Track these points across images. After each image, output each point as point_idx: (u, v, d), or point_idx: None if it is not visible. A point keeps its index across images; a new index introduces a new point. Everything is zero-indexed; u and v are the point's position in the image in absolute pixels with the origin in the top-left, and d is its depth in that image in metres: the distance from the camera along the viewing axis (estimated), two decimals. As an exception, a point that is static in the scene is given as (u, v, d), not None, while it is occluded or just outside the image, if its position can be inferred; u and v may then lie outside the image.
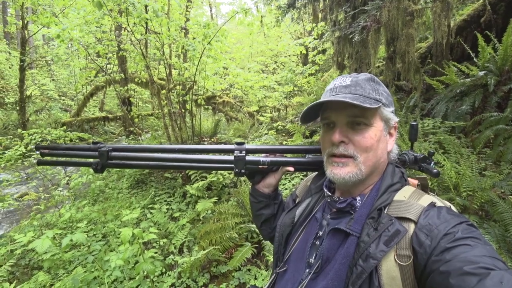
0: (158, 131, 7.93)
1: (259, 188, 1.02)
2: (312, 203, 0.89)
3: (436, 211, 0.64)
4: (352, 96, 0.71)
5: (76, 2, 5.47)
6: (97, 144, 1.03)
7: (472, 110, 3.73)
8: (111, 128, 13.45)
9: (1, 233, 4.34)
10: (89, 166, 1.03)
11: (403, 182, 0.76)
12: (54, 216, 3.72)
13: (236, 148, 0.95)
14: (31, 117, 11.23)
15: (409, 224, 0.63)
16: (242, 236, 3.08)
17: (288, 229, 0.87)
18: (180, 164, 1.03)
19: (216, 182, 4.13)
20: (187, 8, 7.26)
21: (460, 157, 2.90)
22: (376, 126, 0.73)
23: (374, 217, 0.68)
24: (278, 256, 0.88)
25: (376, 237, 0.63)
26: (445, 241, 0.57)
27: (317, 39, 7.83)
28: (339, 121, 0.74)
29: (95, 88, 10.14)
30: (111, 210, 3.85)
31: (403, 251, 0.61)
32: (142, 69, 7.18)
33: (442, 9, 3.09)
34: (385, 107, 0.75)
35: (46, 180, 5.04)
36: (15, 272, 2.99)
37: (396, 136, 0.81)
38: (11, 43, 19.11)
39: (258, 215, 1.06)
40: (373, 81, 0.77)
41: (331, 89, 0.78)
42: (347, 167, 0.73)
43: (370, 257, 0.62)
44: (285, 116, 8.30)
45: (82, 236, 1.73)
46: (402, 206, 0.67)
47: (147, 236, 1.85)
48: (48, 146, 1.12)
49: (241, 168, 0.93)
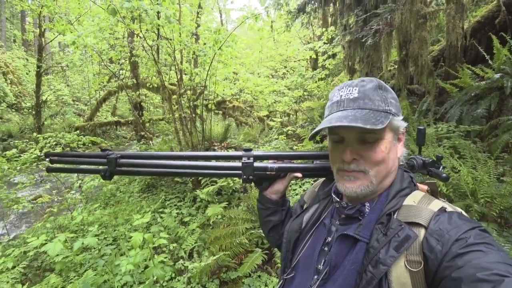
0: (169, 136, 8.01)
1: (266, 194, 1.02)
2: (320, 209, 0.88)
3: (447, 216, 0.63)
4: (362, 114, 0.68)
5: (91, 10, 5.61)
6: (106, 151, 1.03)
7: (488, 113, 3.63)
8: (122, 133, 13.69)
9: (15, 234, 4.44)
10: (98, 173, 1.04)
11: (412, 187, 0.75)
12: (67, 218, 3.78)
13: (244, 154, 0.94)
14: (46, 121, 11.55)
15: (419, 229, 0.62)
16: (252, 242, 3.05)
17: (296, 235, 0.87)
18: (188, 171, 1.02)
19: (226, 187, 4.13)
20: (198, 15, 7.36)
21: (477, 162, 2.81)
22: (386, 138, 0.72)
23: (384, 223, 0.67)
24: (286, 262, 0.87)
25: (386, 242, 0.62)
26: (457, 247, 0.56)
27: (327, 43, 7.81)
28: (349, 137, 0.73)
29: (107, 93, 10.35)
30: (122, 214, 3.89)
31: (414, 256, 0.60)
32: (153, 74, 7.30)
33: (456, 11, 3.02)
34: (395, 117, 0.73)
35: (60, 183, 5.14)
36: (28, 274, 3.03)
37: (404, 139, 0.79)
38: (29, 50, 19.81)
39: (266, 221, 1.05)
40: (381, 88, 0.74)
41: (337, 102, 0.75)
42: (358, 180, 0.72)
43: (380, 263, 0.61)
44: (295, 120, 8.27)
45: (93, 240, 1.75)
46: (412, 211, 0.66)
47: (157, 241, 1.85)
48: (57, 154, 1.13)
49: (249, 175, 0.93)
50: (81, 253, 2.97)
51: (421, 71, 3.68)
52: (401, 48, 3.86)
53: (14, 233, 4.55)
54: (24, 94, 14.42)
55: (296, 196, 3.71)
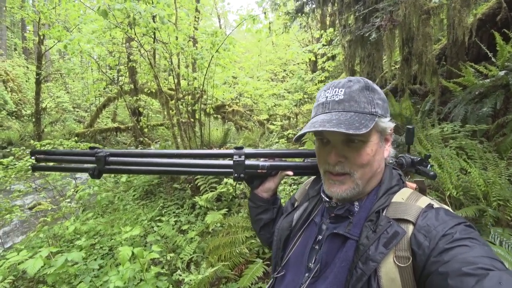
0: (168, 141, 7.93)
1: (258, 192, 1.03)
2: (310, 207, 0.88)
3: (434, 212, 0.64)
4: (346, 118, 0.68)
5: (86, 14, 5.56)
6: (94, 149, 1.02)
7: (494, 112, 3.53)
8: (123, 139, 13.63)
9: (11, 244, 4.34)
10: (86, 171, 1.02)
11: (401, 185, 0.75)
12: (61, 228, 3.68)
13: (235, 152, 0.95)
14: (46, 128, 11.54)
15: (407, 225, 0.63)
16: (253, 251, 2.92)
17: (286, 233, 0.87)
18: (179, 169, 1.01)
19: (226, 193, 4.02)
20: (195, 19, 7.32)
21: (487, 163, 2.69)
22: (372, 140, 0.72)
23: (373, 220, 0.67)
24: (277, 260, 0.87)
25: (375, 239, 0.63)
26: (444, 242, 0.57)
27: (326, 45, 7.75)
28: (334, 140, 0.73)
29: (107, 100, 10.30)
30: (118, 223, 3.78)
31: (402, 252, 0.61)
32: (151, 79, 7.24)
33: (462, 4, 2.92)
34: (381, 118, 0.72)
35: (56, 192, 5.04)
36: (20, 286, 2.92)
37: (392, 140, 0.80)
38: (29, 58, 19.91)
39: (257, 220, 1.06)
40: (368, 89, 0.73)
41: (323, 103, 0.75)
42: (343, 185, 0.73)
43: (369, 260, 0.62)
44: (296, 124, 8.19)
45: (78, 255, 1.63)
46: (400, 207, 0.67)
47: (148, 255, 1.73)
48: (44, 151, 1.10)
49: (240, 173, 0.94)
50: (74, 264, 2.86)
51: (425, 69, 3.57)
52: (403, 46, 3.75)
53: (10, 243, 4.45)
54: (24, 101, 14.44)
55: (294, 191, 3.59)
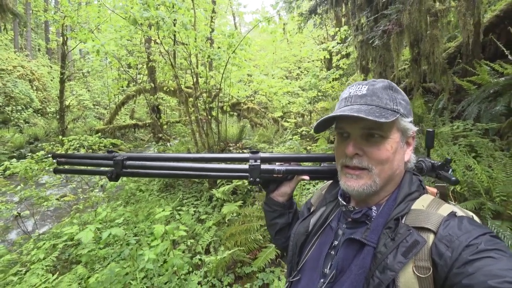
0: (185, 137, 8.23)
1: (273, 197, 1.02)
2: (327, 212, 0.87)
3: (457, 221, 0.62)
4: (367, 109, 0.69)
5: (110, 18, 5.90)
6: (112, 153, 1.05)
7: (508, 111, 3.53)
8: (140, 135, 14.14)
9: (45, 230, 4.74)
10: (104, 174, 1.04)
11: (421, 191, 0.73)
12: (91, 215, 4.00)
13: (251, 157, 0.95)
14: (69, 125, 12.12)
15: (428, 234, 0.61)
16: (266, 238, 3.13)
17: (302, 238, 0.86)
18: (195, 173, 1.01)
19: (241, 186, 4.23)
20: (212, 19, 7.55)
21: (493, 160, 2.76)
22: (392, 137, 0.71)
23: (391, 227, 0.66)
24: (292, 265, 0.87)
25: (394, 247, 0.62)
26: (467, 253, 0.55)
27: (340, 43, 7.79)
28: (354, 133, 0.73)
29: (126, 97, 10.71)
30: (142, 211, 4.07)
31: (422, 262, 0.59)
32: (170, 78, 7.54)
33: (467, 8, 2.98)
34: (403, 117, 0.72)
35: (84, 183, 5.42)
36: (57, 265, 3.25)
37: (414, 145, 0.78)
38: (52, 58, 20.84)
39: (273, 224, 1.04)
40: (391, 89, 0.74)
41: (346, 98, 0.76)
42: (361, 179, 0.72)
43: (387, 269, 0.60)
44: (310, 121, 8.29)
45: (120, 231, 1.89)
46: (421, 215, 0.65)
47: (177, 233, 1.97)
48: (64, 155, 1.15)
49: (256, 177, 0.93)
50: (104, 248, 3.16)
51: (434, 69, 3.64)
52: (412, 47, 3.83)
53: (44, 229, 4.85)
54: (49, 99, 15.19)
55: (310, 194, 3.76)
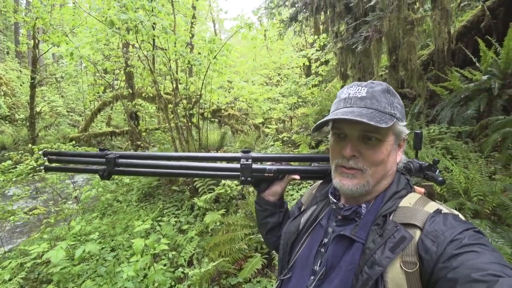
0: (165, 145, 8.02)
1: (264, 196, 1.02)
2: (317, 210, 0.88)
3: (442, 217, 0.64)
4: (368, 113, 0.70)
5: (86, 21, 5.68)
6: (104, 151, 1.03)
7: (478, 114, 3.72)
8: (117, 143, 13.62)
9: (11, 247, 4.38)
10: (96, 172, 1.02)
11: (408, 189, 0.76)
12: (64, 229, 3.75)
13: (243, 156, 0.95)
14: (40, 132, 11.49)
15: (415, 230, 0.63)
16: (251, 247, 3.06)
17: (293, 237, 0.87)
18: (186, 172, 1.02)
19: (223, 194, 4.13)
20: (192, 25, 7.47)
21: (469, 162, 2.88)
22: (388, 140, 0.73)
23: (380, 224, 0.68)
24: (283, 263, 0.87)
25: (382, 243, 0.63)
26: (452, 248, 0.57)
27: (319, 50, 7.96)
28: (352, 134, 0.74)
29: (102, 104, 10.32)
30: (120, 223, 3.87)
31: (409, 257, 0.61)
32: (149, 84, 7.34)
33: (441, 16, 3.14)
34: (399, 121, 0.74)
35: (55, 194, 5.10)
36: (24, 286, 3.00)
37: (404, 146, 0.81)
38: (22, 61, 19.78)
39: (264, 223, 1.05)
40: (389, 92, 0.76)
41: (345, 99, 0.76)
42: (355, 179, 0.73)
43: (375, 264, 0.62)
44: (290, 127, 8.34)
45: (95, 247, 1.75)
46: (408, 212, 0.67)
47: (158, 247, 1.86)
48: (56, 152, 1.13)
49: (247, 176, 0.94)
50: (78, 264, 2.95)
51: (411, 75, 3.78)
52: (390, 54, 3.97)
53: (10, 246, 4.48)
54: (18, 105, 14.35)
55: (293, 201, 3.74)
